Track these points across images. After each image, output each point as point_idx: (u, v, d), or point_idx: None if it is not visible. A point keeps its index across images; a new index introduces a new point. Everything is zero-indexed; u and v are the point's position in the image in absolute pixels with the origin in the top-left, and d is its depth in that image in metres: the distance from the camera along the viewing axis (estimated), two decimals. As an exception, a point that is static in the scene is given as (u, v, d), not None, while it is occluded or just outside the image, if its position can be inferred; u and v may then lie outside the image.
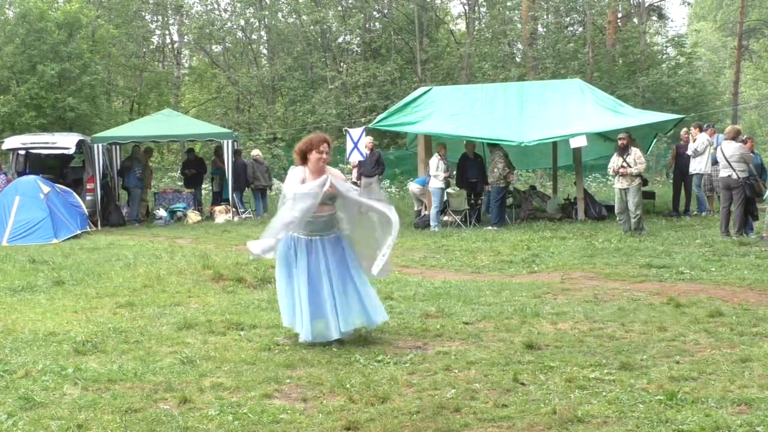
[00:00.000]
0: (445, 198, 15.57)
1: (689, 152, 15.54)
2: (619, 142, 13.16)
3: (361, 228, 6.29)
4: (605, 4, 29.52)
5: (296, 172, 6.14)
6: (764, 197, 12.49)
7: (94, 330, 6.77)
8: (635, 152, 13.03)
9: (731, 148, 12.01)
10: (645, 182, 14.51)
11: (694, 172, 15.61)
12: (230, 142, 18.40)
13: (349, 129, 18.48)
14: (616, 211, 13.43)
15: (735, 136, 12.29)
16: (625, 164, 12.96)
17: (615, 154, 13.28)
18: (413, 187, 16.74)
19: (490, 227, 14.86)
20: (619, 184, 13.14)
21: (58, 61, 24.62)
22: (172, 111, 22.61)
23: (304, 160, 6.13)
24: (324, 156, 6.07)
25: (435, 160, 15.31)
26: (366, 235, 6.30)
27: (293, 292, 6.05)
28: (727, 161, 11.95)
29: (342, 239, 6.17)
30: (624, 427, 4.21)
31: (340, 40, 31.94)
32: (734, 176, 11.89)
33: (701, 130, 15.85)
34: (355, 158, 17.44)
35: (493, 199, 15.22)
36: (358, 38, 30.03)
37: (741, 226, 12.00)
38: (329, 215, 6.07)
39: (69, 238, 14.43)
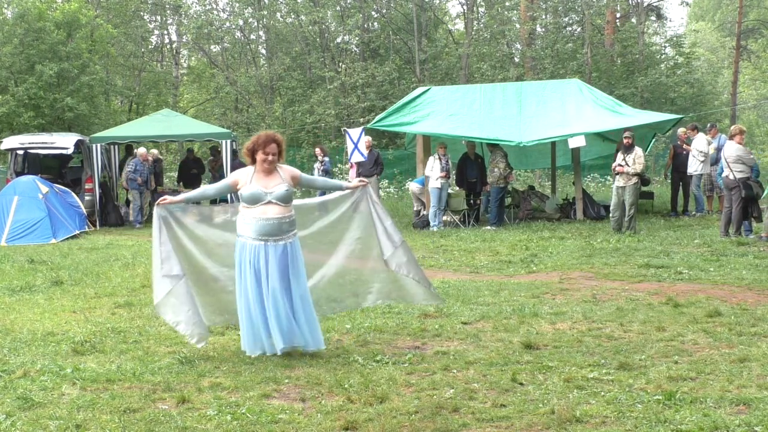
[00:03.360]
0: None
1: (700, 158, 15.35)
2: (624, 141, 13.21)
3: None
4: (603, 4, 29.51)
5: (241, 173, 5.80)
6: (763, 196, 12.49)
7: (92, 330, 6.77)
8: (636, 152, 13.08)
9: (730, 149, 12.01)
10: (646, 182, 14.51)
11: (694, 173, 15.59)
12: (228, 142, 18.38)
13: (348, 129, 18.47)
14: (610, 209, 13.52)
15: (733, 136, 12.27)
16: (623, 163, 13.03)
17: (620, 151, 13.34)
18: (413, 186, 16.75)
19: (488, 227, 14.86)
20: (617, 182, 13.25)
21: (56, 61, 24.60)
22: (171, 111, 22.59)
23: (253, 159, 5.77)
24: (270, 158, 5.66)
25: (431, 160, 15.35)
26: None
27: (239, 300, 5.74)
28: (725, 161, 11.97)
29: (293, 246, 5.72)
30: (622, 427, 4.22)
31: (338, 40, 31.92)
32: (731, 176, 11.89)
33: (697, 131, 15.85)
34: (356, 159, 17.44)
35: (492, 199, 15.22)
36: (357, 38, 29.98)
37: (738, 227, 12.00)
38: (279, 218, 5.64)
39: (67, 238, 14.42)
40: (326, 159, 18.53)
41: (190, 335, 5.84)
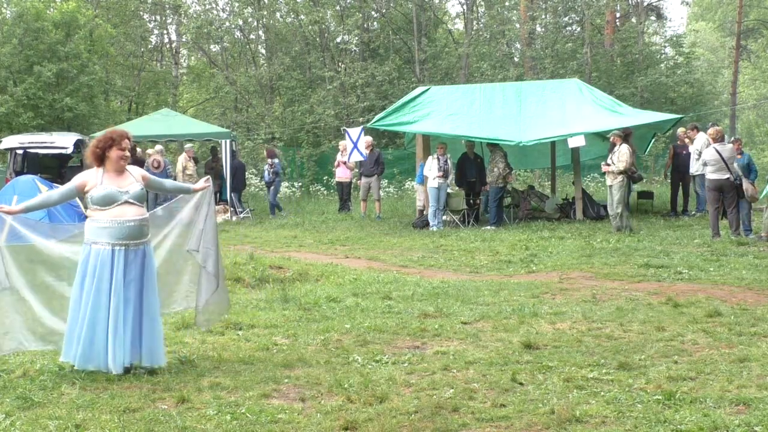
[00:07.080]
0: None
1: (695, 155, 15.38)
2: (611, 139, 13.44)
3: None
4: (603, 3, 29.49)
5: (87, 175, 5.35)
6: (761, 196, 12.49)
7: (92, 330, 6.76)
8: (621, 149, 13.12)
9: (727, 150, 12.01)
10: (636, 180, 14.43)
11: (696, 173, 15.56)
12: (228, 141, 18.38)
13: (347, 129, 18.46)
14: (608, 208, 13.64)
15: (723, 138, 12.40)
16: (609, 161, 13.17)
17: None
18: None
19: (488, 227, 14.86)
20: (607, 180, 13.48)
21: (55, 61, 24.59)
22: (170, 111, 22.58)
23: (101, 161, 5.38)
24: (126, 153, 5.38)
25: (429, 160, 15.38)
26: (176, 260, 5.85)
27: (79, 310, 5.27)
28: (726, 163, 11.91)
29: (149, 251, 5.45)
30: (622, 427, 4.22)
31: (338, 39, 31.88)
32: (731, 178, 11.88)
33: (698, 131, 15.82)
34: (355, 158, 17.43)
35: (491, 199, 15.23)
36: (357, 38, 29.97)
37: (737, 227, 12.02)
38: (139, 220, 5.35)
39: (67, 238, 14.40)
40: (276, 161, 19.48)
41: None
